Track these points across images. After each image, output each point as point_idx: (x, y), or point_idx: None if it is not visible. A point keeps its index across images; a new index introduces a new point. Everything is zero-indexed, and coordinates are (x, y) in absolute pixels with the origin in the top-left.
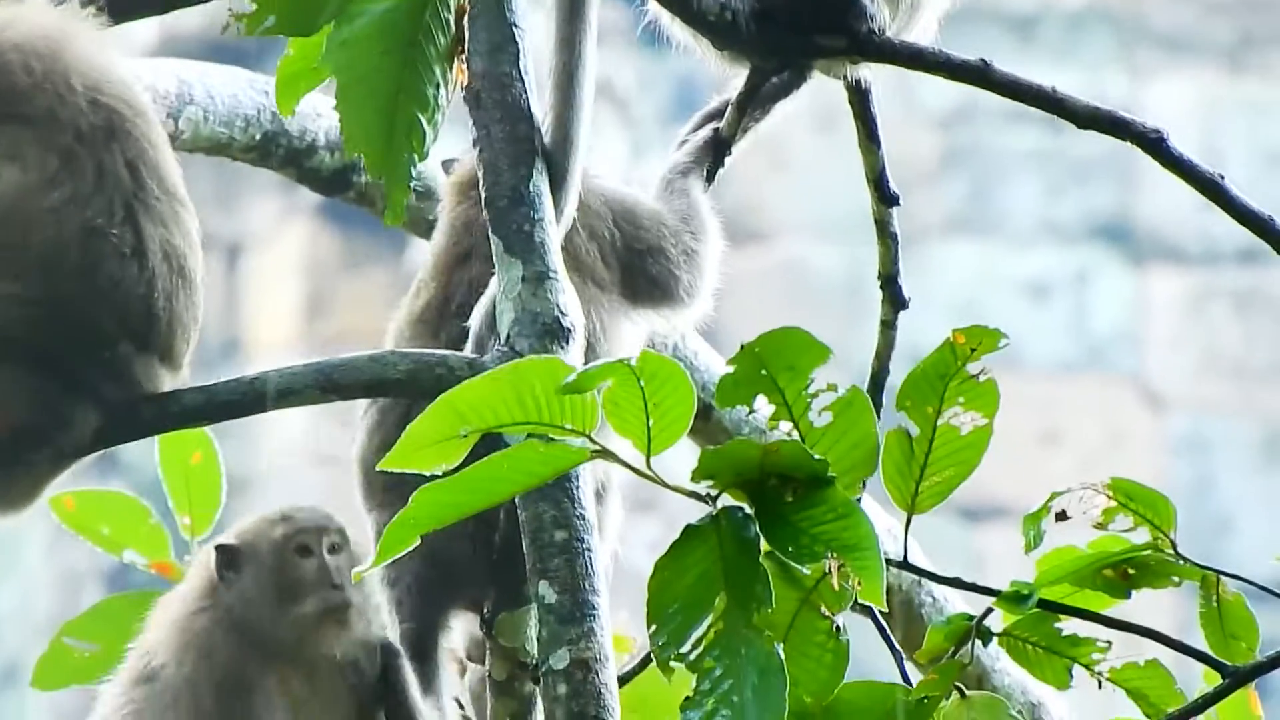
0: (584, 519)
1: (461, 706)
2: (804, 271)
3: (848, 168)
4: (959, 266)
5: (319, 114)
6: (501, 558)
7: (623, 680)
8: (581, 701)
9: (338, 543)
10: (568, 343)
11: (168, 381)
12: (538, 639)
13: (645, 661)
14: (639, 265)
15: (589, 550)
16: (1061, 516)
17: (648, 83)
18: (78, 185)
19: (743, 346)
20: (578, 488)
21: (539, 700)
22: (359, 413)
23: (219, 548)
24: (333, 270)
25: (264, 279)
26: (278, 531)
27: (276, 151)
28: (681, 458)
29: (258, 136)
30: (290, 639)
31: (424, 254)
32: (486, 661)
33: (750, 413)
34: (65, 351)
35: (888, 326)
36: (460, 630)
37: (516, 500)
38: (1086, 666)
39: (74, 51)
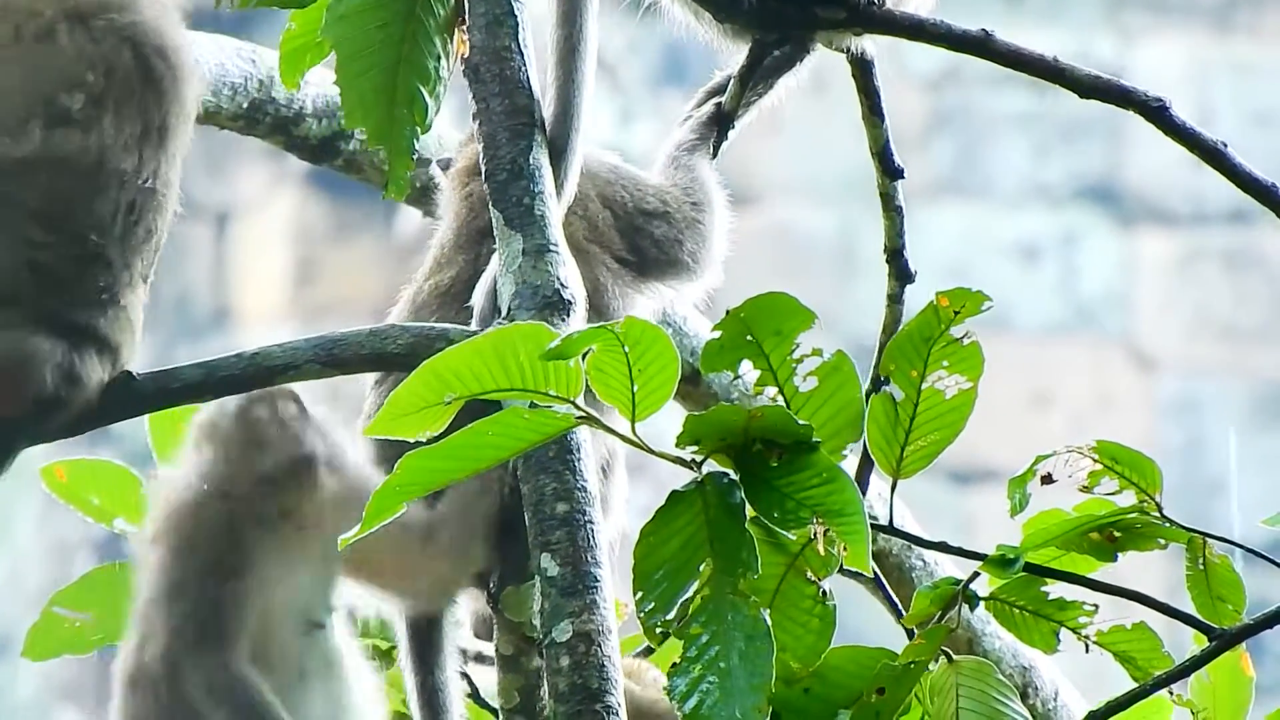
0: (585, 491)
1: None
2: (793, 235)
3: (838, 131)
4: (947, 229)
5: (307, 81)
6: (507, 532)
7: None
8: (584, 674)
9: (295, 411)
10: (569, 315)
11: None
12: (540, 612)
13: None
14: (645, 229)
15: (591, 523)
16: (1047, 480)
17: (636, 49)
18: (128, 143)
19: (728, 312)
20: (579, 460)
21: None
22: (368, 385)
23: (194, 423)
24: (321, 238)
25: (252, 247)
26: (236, 402)
27: (264, 119)
28: (671, 422)
29: (245, 104)
30: (264, 501)
31: (439, 230)
32: (493, 637)
33: (735, 378)
34: (77, 307)
35: (894, 301)
36: (466, 605)
37: (519, 473)
38: (1074, 630)
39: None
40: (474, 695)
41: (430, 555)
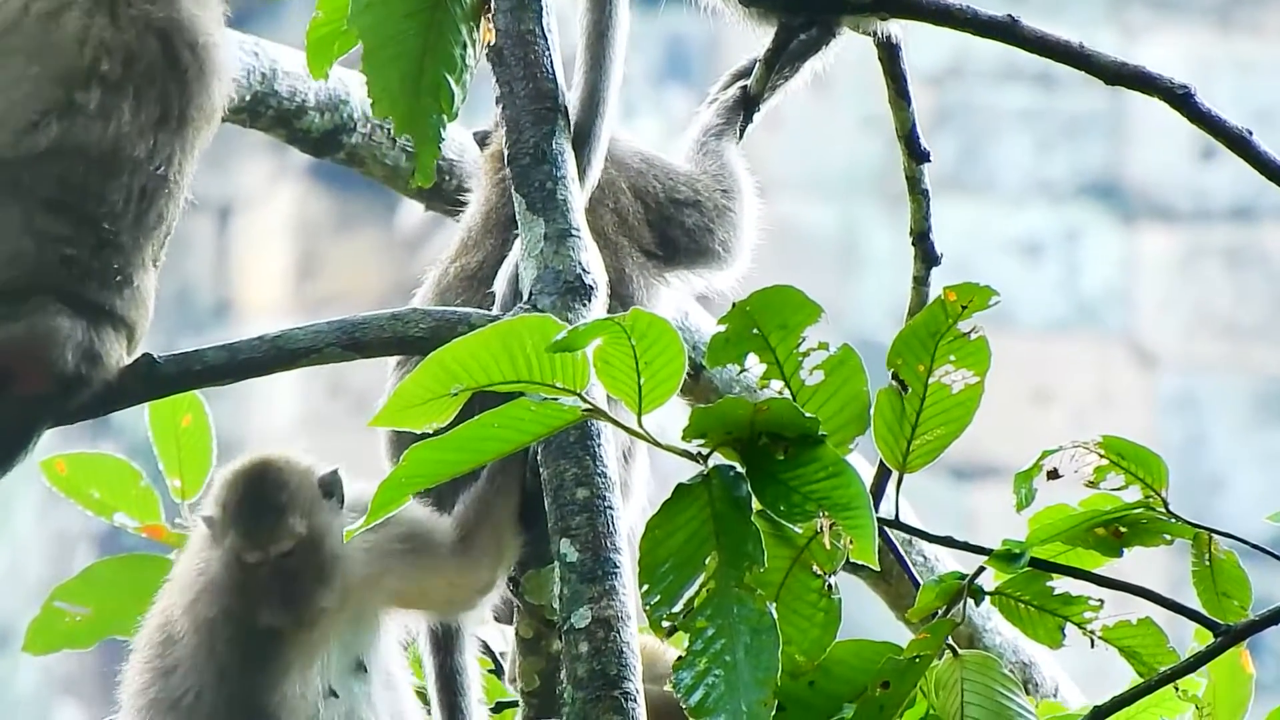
0: (605, 477)
1: (491, 654)
2: (795, 231)
3: (841, 127)
4: (949, 226)
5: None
6: (528, 515)
7: None
8: (603, 660)
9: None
10: (590, 300)
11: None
12: (559, 597)
13: None
14: (676, 218)
15: (610, 508)
16: (1053, 475)
17: (637, 42)
18: (143, 130)
19: (734, 304)
20: (600, 445)
21: None
22: (389, 369)
23: (206, 519)
24: (323, 231)
25: (254, 240)
26: (229, 540)
27: (266, 113)
28: (673, 417)
29: (247, 97)
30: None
31: (468, 213)
32: (514, 620)
33: (741, 371)
34: (94, 288)
35: (920, 283)
36: None
37: (539, 458)
38: (1079, 625)
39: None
40: (496, 672)
41: (468, 564)
